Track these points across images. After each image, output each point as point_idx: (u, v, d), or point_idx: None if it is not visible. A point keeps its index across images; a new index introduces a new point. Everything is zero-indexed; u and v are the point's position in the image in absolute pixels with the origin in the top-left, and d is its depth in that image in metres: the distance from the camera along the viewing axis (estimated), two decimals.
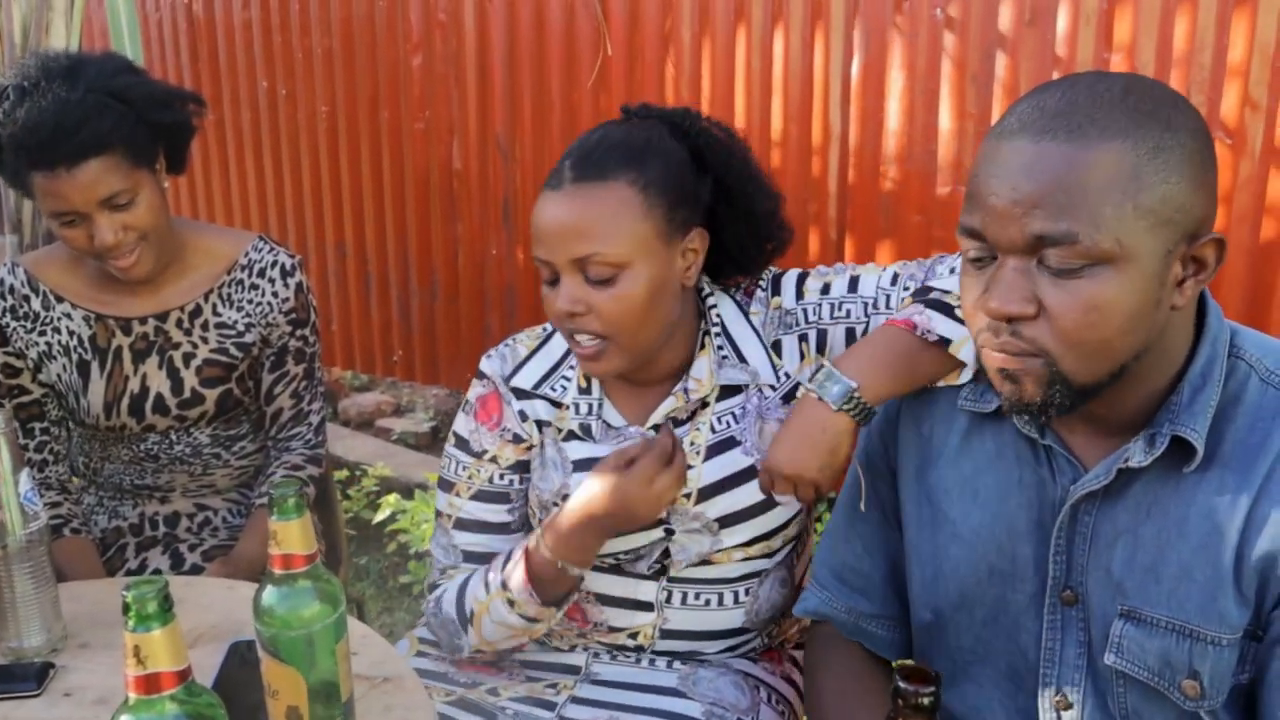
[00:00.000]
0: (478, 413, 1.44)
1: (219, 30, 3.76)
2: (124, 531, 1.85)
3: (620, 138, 1.29)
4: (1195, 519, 0.99)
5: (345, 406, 3.94)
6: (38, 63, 1.59)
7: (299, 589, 1.00)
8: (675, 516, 1.37)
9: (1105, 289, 0.92)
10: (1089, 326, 0.93)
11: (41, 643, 1.30)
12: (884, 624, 1.25)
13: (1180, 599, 1.00)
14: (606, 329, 1.27)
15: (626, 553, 1.39)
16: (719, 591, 1.40)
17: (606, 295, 1.25)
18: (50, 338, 1.74)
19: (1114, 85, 0.94)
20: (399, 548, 2.99)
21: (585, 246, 1.24)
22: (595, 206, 1.25)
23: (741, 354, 1.37)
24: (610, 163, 1.26)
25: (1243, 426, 0.99)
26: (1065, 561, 1.07)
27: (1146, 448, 1.00)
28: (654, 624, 1.41)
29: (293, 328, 1.80)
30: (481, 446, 1.43)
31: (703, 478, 1.36)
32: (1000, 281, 0.95)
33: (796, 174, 2.59)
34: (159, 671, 0.82)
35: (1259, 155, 2.04)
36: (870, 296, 1.34)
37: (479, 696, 1.39)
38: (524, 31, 3.01)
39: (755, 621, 1.44)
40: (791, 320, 1.37)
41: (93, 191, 1.55)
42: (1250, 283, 2.12)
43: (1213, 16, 2.02)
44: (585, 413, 1.40)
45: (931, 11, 2.33)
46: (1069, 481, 1.06)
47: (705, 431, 1.36)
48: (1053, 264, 0.93)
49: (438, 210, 3.37)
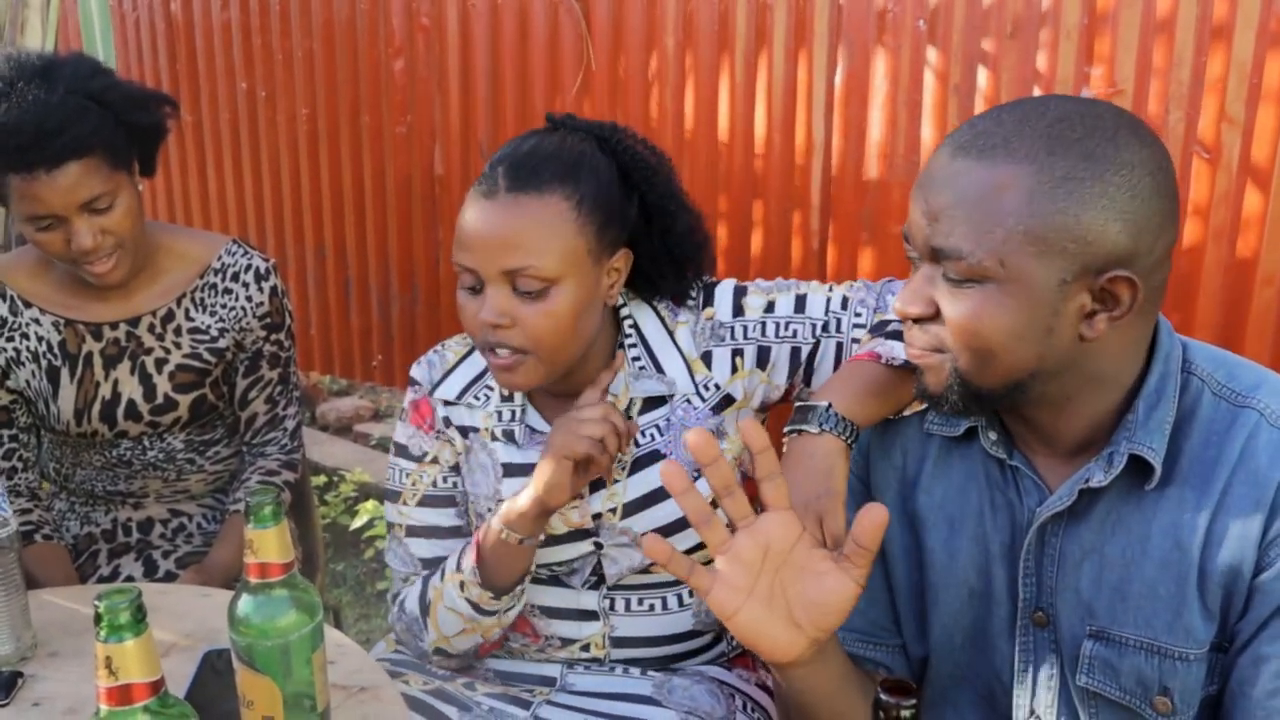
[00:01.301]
0: (411, 417, 1.45)
1: (197, 31, 3.73)
2: (96, 538, 1.83)
3: (553, 149, 1.27)
4: (1157, 536, 1.00)
5: (324, 411, 3.91)
6: (9, 64, 1.57)
7: (275, 598, 0.99)
8: (603, 531, 1.37)
9: (987, 305, 0.95)
10: (972, 336, 0.97)
11: (10, 651, 1.28)
12: (885, 650, 1.22)
13: (1147, 617, 1.01)
14: (529, 343, 1.25)
15: (560, 564, 1.39)
16: (661, 595, 1.41)
17: (534, 310, 1.24)
18: (19, 343, 1.71)
19: (1050, 111, 0.95)
20: (376, 554, 2.97)
21: (518, 259, 1.22)
22: (530, 219, 1.23)
23: (659, 364, 1.36)
24: (546, 175, 1.24)
25: (1198, 442, 1.00)
26: (1035, 583, 1.07)
27: (1106, 467, 1.00)
28: (603, 633, 1.41)
29: (267, 332, 1.79)
30: (422, 449, 1.44)
31: (628, 492, 1.35)
32: (910, 285, 1.01)
33: (779, 184, 2.59)
34: (131, 683, 0.81)
35: (1235, 171, 2.06)
36: (820, 319, 1.33)
37: (456, 688, 1.38)
38: (507, 37, 3.01)
39: (705, 622, 1.43)
40: (725, 333, 1.36)
41: (73, 195, 1.53)
42: (1226, 297, 2.13)
43: (1191, 33, 2.04)
44: (508, 419, 1.40)
45: (914, 23, 2.35)
46: (1035, 503, 1.06)
47: (630, 447, 1.36)
48: (948, 274, 0.96)
49: (419, 215, 3.35)
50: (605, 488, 1.37)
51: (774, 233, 2.65)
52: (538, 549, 1.37)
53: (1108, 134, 0.93)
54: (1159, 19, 2.08)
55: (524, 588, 1.37)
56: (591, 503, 1.37)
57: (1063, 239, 0.92)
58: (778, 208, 2.62)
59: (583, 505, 1.37)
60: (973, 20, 2.28)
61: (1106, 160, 0.92)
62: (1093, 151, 0.92)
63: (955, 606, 1.12)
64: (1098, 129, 0.93)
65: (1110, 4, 2.11)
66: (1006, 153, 0.93)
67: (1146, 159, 0.93)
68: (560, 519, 1.36)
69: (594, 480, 1.36)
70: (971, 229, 0.93)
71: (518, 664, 1.47)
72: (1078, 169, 0.91)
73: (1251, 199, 2.05)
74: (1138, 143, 0.94)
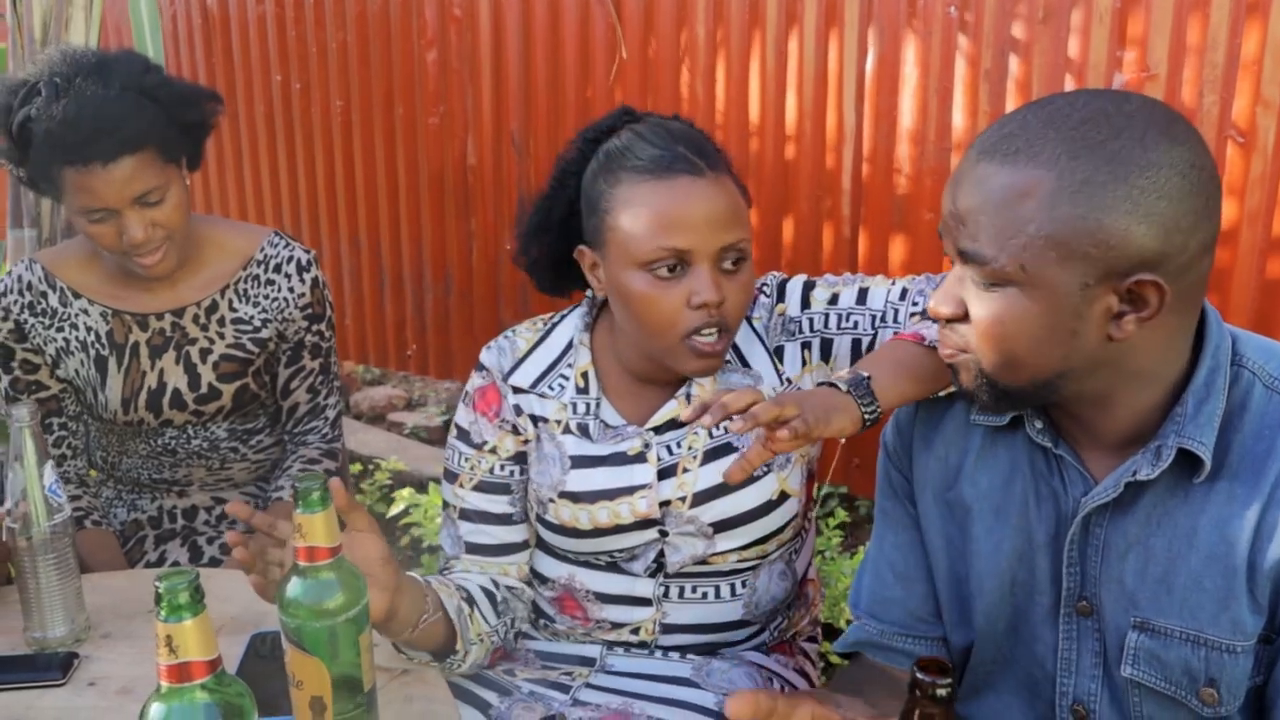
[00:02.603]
0: (476, 403, 1.44)
1: (233, 25, 3.78)
2: (143, 524, 1.87)
3: (697, 134, 1.33)
4: (1205, 529, 1.00)
5: (357, 400, 3.96)
6: (65, 59, 1.61)
7: (323, 581, 1.01)
8: (670, 519, 1.37)
9: (1011, 309, 0.96)
10: (996, 339, 0.98)
11: (65, 633, 1.32)
12: (924, 644, 1.23)
13: (1193, 609, 1.01)
14: (731, 321, 1.28)
15: (621, 551, 1.40)
16: (715, 584, 1.41)
17: (735, 284, 1.27)
18: (68, 333, 1.75)
19: (1078, 111, 0.94)
20: (412, 541, 3.00)
21: (736, 233, 1.26)
22: (732, 196, 1.28)
23: (745, 359, 1.37)
24: (716, 155, 1.30)
25: (1249, 435, 1.00)
26: (1079, 573, 1.08)
27: (1153, 460, 1.00)
28: (654, 619, 1.43)
29: (309, 323, 1.82)
30: (482, 438, 1.43)
31: (699, 482, 1.36)
32: (941, 285, 1.02)
33: (811, 171, 2.60)
34: (190, 661, 0.84)
35: (1271, 154, 2.04)
36: (879, 310, 1.34)
37: (496, 674, 1.41)
38: (539, 27, 3.02)
39: (755, 614, 1.44)
40: (795, 327, 1.37)
41: (127, 188, 1.57)
42: (1262, 281, 2.12)
43: (1226, 14, 2.02)
44: (583, 412, 1.40)
45: (945, 9, 2.34)
46: (1080, 494, 1.06)
47: (703, 436, 1.36)
48: (974, 277, 0.97)
49: (452, 205, 3.38)
50: (676, 475, 1.37)
51: (805, 219, 2.65)
52: (602, 536, 1.38)
53: (1135, 135, 0.91)
54: (1192, 1, 2.06)
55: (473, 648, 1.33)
56: (661, 490, 1.36)
57: (1084, 244, 0.91)
58: (809, 194, 2.63)
59: (650, 494, 1.36)
60: (1004, 5, 2.27)
61: (1131, 162, 0.90)
62: (1117, 154, 0.90)
63: (998, 595, 1.13)
64: (1125, 130, 0.91)
65: None
66: (1029, 157, 0.93)
67: (1177, 159, 0.91)
68: (629, 508, 1.36)
69: (664, 468, 1.36)
70: (995, 234, 0.94)
71: (558, 644, 1.49)
72: (1100, 173, 0.90)
73: None
74: (1168, 142, 0.92)
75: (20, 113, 1.58)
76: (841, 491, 2.87)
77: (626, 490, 1.37)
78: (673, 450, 1.37)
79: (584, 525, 1.38)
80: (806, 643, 1.57)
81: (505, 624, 1.41)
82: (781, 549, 1.43)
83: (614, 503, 1.37)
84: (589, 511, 1.38)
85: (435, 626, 1.27)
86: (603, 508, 1.37)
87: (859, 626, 1.26)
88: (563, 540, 1.42)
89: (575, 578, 1.44)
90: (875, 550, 1.26)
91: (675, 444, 1.37)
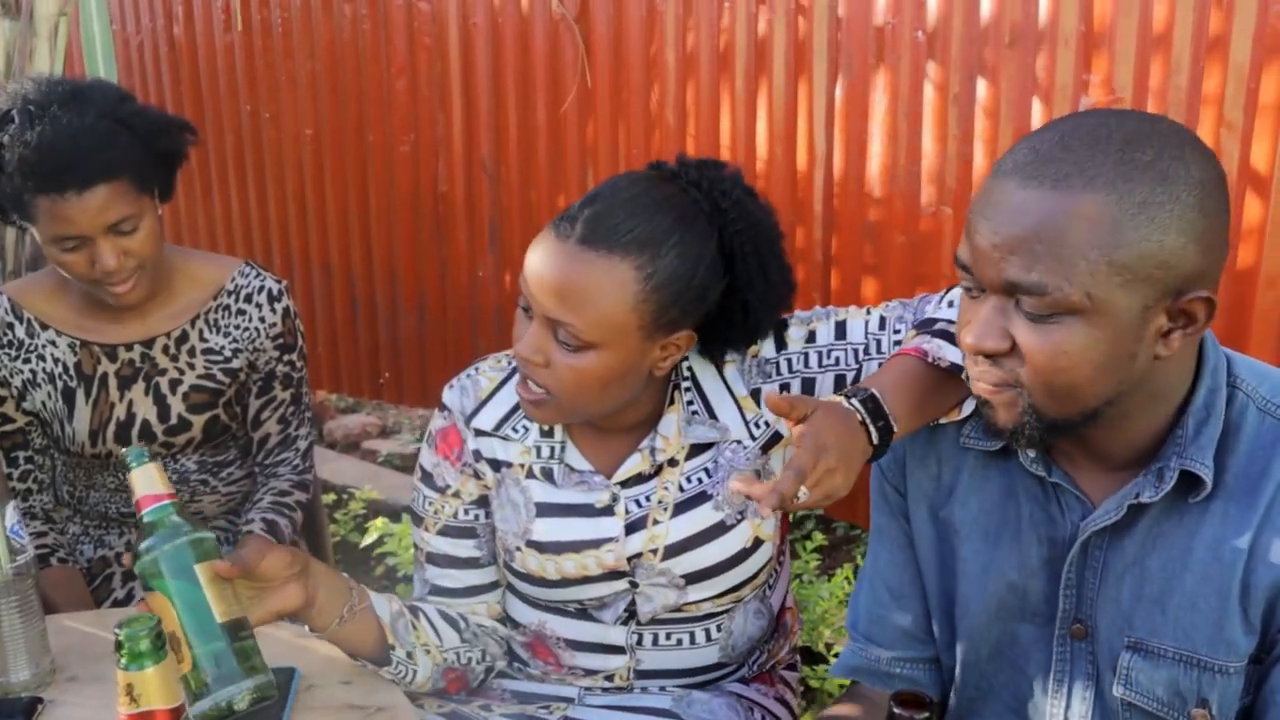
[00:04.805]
0: (438, 445, 1.41)
1: (200, 54, 3.76)
2: (110, 561, 1.84)
3: (650, 208, 1.20)
4: (1199, 550, 1.00)
5: (331, 429, 3.92)
6: (38, 87, 1.60)
7: (144, 524, 1.10)
8: (640, 570, 1.35)
9: (1073, 339, 0.93)
10: (1057, 371, 0.94)
11: (29, 677, 1.29)
12: (921, 667, 1.22)
13: (1187, 629, 1.01)
14: (555, 390, 1.23)
15: (591, 600, 1.37)
16: (689, 630, 1.40)
17: (567, 360, 1.21)
18: (35, 365, 1.73)
19: (1115, 131, 0.92)
20: (387, 571, 2.97)
21: (562, 313, 1.18)
22: (588, 279, 1.17)
23: (712, 410, 1.34)
24: (625, 237, 1.18)
25: (1243, 456, 1.00)
26: (1075, 595, 1.07)
27: (1155, 483, 1.00)
28: (628, 666, 1.41)
29: (280, 353, 1.80)
30: (445, 481, 1.40)
31: (670, 534, 1.33)
32: (979, 318, 0.97)
33: (781, 197, 2.60)
34: (153, 709, 0.82)
35: (1235, 177, 2.07)
36: (860, 343, 1.31)
37: (472, 710, 1.39)
38: (509, 55, 3.03)
39: (732, 655, 1.43)
40: (771, 369, 1.33)
41: (101, 216, 1.56)
42: (1229, 303, 2.14)
43: (1188, 40, 2.05)
44: (547, 456, 1.36)
45: (913, 34, 2.36)
46: (1078, 518, 1.06)
47: (673, 489, 1.34)
48: (1026, 309, 0.94)
49: (424, 232, 3.37)
50: (646, 528, 1.34)
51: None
52: (571, 586, 1.35)
53: (1176, 153, 0.91)
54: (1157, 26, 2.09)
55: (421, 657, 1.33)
56: (629, 544, 1.34)
57: (1147, 266, 0.90)
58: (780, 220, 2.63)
59: (617, 548, 1.34)
60: (970, 30, 2.29)
61: (1179, 181, 0.90)
62: (1166, 173, 0.90)
63: (983, 619, 1.13)
64: (1166, 149, 0.91)
65: (1108, 11, 2.12)
66: (1084, 181, 0.90)
67: (1211, 175, 0.92)
68: (595, 561, 1.34)
69: (634, 520, 1.34)
70: (1055, 262, 0.90)
71: (535, 685, 1.47)
72: (1156, 193, 0.89)
73: (1251, 206, 2.05)
74: (1203, 159, 0.93)
75: None
76: (818, 514, 2.87)
77: (593, 543, 1.34)
78: (641, 503, 1.34)
79: (551, 575, 1.36)
80: (786, 670, 1.56)
81: (472, 651, 1.39)
82: (755, 590, 1.42)
83: (580, 554, 1.34)
84: (555, 562, 1.35)
85: (365, 620, 1.27)
86: (569, 559, 1.35)
87: (855, 651, 1.25)
88: (531, 588, 1.39)
89: (546, 625, 1.41)
90: (871, 567, 1.25)
91: (644, 497, 1.34)
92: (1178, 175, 0.90)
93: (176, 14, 3.78)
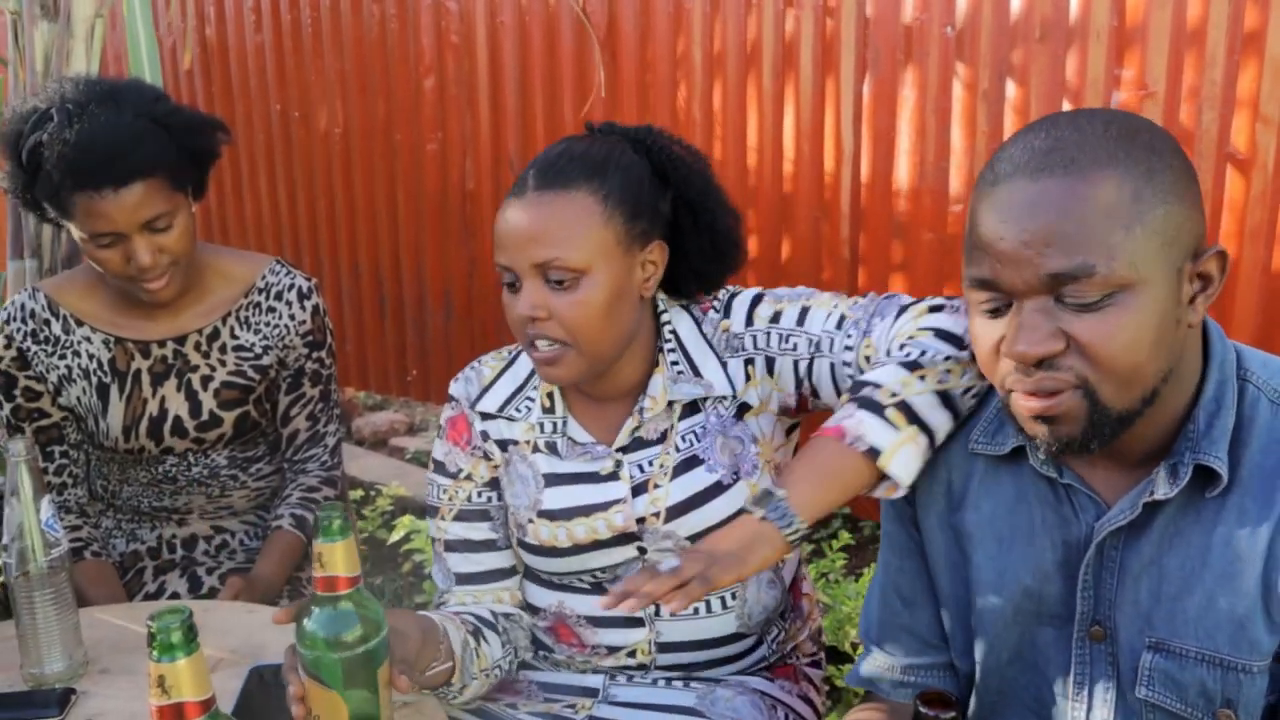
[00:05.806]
0: (448, 434, 1.47)
1: (231, 54, 3.80)
2: (142, 555, 1.86)
3: (582, 150, 1.34)
4: (1217, 548, 0.99)
5: (359, 426, 3.95)
6: (76, 87, 1.63)
7: (341, 611, 1.00)
8: (647, 535, 1.39)
9: (1130, 315, 0.92)
10: (1123, 352, 0.93)
11: (63, 669, 1.31)
12: (936, 673, 1.21)
13: (1209, 629, 1.00)
14: (567, 334, 1.29)
15: (603, 570, 1.41)
16: (705, 598, 1.41)
17: (567, 300, 1.28)
18: (70, 361, 1.75)
19: (1093, 119, 0.96)
20: (414, 567, 2.99)
21: (547, 251, 1.27)
22: (557, 213, 1.28)
23: (697, 368, 1.39)
24: (572, 172, 1.30)
25: (1258, 450, 0.99)
26: (1093, 597, 1.06)
27: (1170, 478, 0.99)
28: (648, 639, 1.43)
29: (309, 350, 1.82)
30: (457, 466, 1.46)
31: (670, 497, 1.38)
32: (1023, 325, 0.94)
33: (809, 193, 2.60)
34: (183, 701, 0.83)
35: (1271, 171, 2.04)
36: (815, 336, 1.34)
37: (499, 708, 1.40)
38: (536, 53, 3.03)
39: (749, 625, 1.45)
40: (738, 344, 1.38)
41: (137, 213, 1.58)
42: (1264, 299, 2.11)
43: (1223, 32, 2.03)
44: (550, 431, 1.43)
45: (942, 29, 2.35)
46: (1092, 519, 1.05)
47: (673, 453, 1.39)
48: (1072, 299, 0.92)
49: (452, 230, 3.39)
50: (648, 491, 1.38)
51: (803, 242, 2.65)
52: (582, 553, 1.39)
53: (1148, 128, 0.96)
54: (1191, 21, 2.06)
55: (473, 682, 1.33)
56: (635, 506, 1.38)
57: (1171, 227, 0.93)
58: (807, 216, 2.62)
59: (625, 509, 1.38)
60: (1001, 24, 2.27)
61: (1163, 150, 0.95)
62: (1151, 144, 0.94)
63: (1001, 623, 1.12)
64: (1139, 127, 0.96)
65: (1141, 5, 2.09)
66: (1091, 161, 0.92)
67: (1179, 147, 0.97)
68: (605, 524, 1.38)
69: (637, 484, 1.38)
70: (1094, 242, 0.91)
71: (561, 675, 1.48)
72: (1153, 162, 0.93)
73: None
74: (1165, 134, 0.98)
75: (31, 138, 1.59)
76: (845, 513, 2.86)
77: (602, 506, 1.39)
78: (644, 468, 1.39)
79: (562, 543, 1.39)
80: (810, 667, 1.56)
81: (509, 655, 1.41)
82: None
83: (590, 518, 1.39)
84: (566, 529, 1.39)
85: (442, 674, 1.27)
86: (580, 524, 1.39)
87: (869, 659, 1.24)
88: (543, 561, 1.42)
89: (564, 604, 1.44)
90: (882, 575, 1.25)
91: (646, 462, 1.39)
92: (1159, 145, 0.95)
93: (208, 14, 3.82)
